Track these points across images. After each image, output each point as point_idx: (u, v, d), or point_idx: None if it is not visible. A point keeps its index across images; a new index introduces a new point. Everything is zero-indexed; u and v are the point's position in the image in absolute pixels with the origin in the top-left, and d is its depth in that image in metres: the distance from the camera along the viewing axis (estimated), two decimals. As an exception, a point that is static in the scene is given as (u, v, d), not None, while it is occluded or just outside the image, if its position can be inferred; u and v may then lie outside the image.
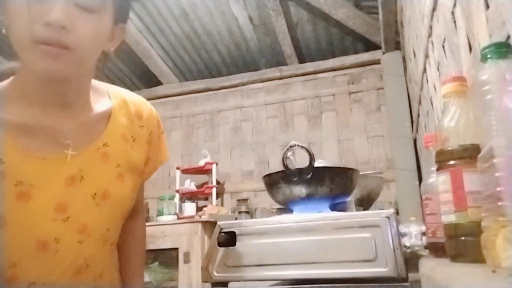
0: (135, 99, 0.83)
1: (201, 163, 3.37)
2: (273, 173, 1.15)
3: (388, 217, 0.89)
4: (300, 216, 1.06)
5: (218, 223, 1.05)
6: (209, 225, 2.82)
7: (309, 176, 1.06)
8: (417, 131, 2.76)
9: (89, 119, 0.71)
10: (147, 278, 2.83)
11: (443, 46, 1.27)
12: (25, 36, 0.59)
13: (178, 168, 3.44)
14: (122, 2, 0.68)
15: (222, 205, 3.46)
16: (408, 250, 1.28)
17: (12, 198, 0.62)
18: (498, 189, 0.45)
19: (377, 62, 3.28)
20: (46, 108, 0.66)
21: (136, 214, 0.88)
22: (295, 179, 1.07)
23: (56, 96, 0.67)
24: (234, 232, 1.01)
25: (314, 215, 1.02)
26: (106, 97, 0.76)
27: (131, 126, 0.78)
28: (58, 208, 0.66)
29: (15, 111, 0.65)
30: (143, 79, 3.92)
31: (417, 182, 2.81)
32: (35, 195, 0.64)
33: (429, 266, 0.73)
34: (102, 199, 0.71)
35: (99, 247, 0.74)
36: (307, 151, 1.07)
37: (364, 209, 1.44)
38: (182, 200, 3.32)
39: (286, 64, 3.56)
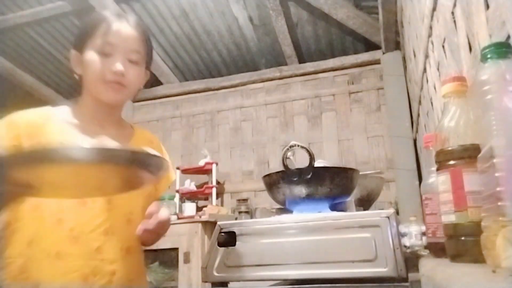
0: (146, 131, 1.16)
1: (201, 163, 3.37)
2: (273, 173, 1.15)
3: (388, 217, 0.89)
4: (300, 216, 1.06)
5: (218, 223, 1.05)
6: (209, 225, 2.82)
7: (309, 176, 1.06)
8: (417, 131, 2.76)
9: (120, 132, 1.04)
10: (147, 278, 2.83)
11: (443, 46, 1.27)
12: (98, 79, 0.94)
13: (178, 168, 3.44)
14: (149, 58, 1.04)
15: (222, 205, 3.46)
16: (408, 250, 1.29)
17: None
18: (498, 189, 0.45)
19: (377, 62, 3.28)
20: (102, 122, 1.01)
21: None
22: (295, 179, 1.07)
23: (108, 115, 1.02)
24: (234, 232, 1.01)
25: (314, 215, 1.02)
26: (129, 125, 1.12)
27: (147, 142, 1.09)
28: None
29: (83, 122, 0.98)
30: (143, 79, 3.92)
31: (417, 182, 2.81)
32: None
33: (429, 266, 0.73)
34: None
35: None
36: (307, 151, 1.07)
37: (364, 209, 1.44)
38: (182, 200, 3.32)
39: (286, 64, 3.56)
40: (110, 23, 0.94)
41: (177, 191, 3.34)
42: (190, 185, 3.37)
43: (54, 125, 0.94)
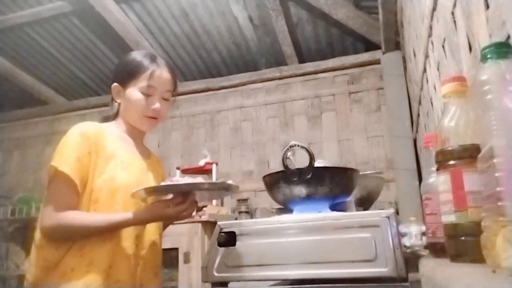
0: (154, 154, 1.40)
1: (201, 163, 3.37)
2: (273, 173, 1.15)
3: (388, 217, 0.89)
4: (300, 216, 1.06)
5: (218, 223, 1.05)
6: (209, 225, 2.82)
7: (309, 176, 1.06)
8: (417, 131, 2.76)
9: (145, 149, 1.32)
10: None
11: (443, 46, 1.27)
12: (140, 113, 1.19)
13: (178, 168, 3.44)
14: (175, 93, 1.28)
15: (222, 205, 3.45)
16: (408, 250, 1.29)
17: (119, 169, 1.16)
18: (498, 189, 0.45)
19: (377, 62, 3.28)
20: (134, 139, 1.26)
21: None
22: (295, 179, 1.07)
23: (138, 136, 1.28)
24: (234, 232, 1.01)
25: (314, 215, 1.02)
26: (145, 146, 1.35)
27: (157, 162, 1.37)
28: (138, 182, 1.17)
29: (123, 140, 1.24)
30: (143, 79, 3.92)
31: (417, 182, 2.81)
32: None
33: (429, 266, 0.73)
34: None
35: None
36: (307, 151, 1.06)
37: (364, 209, 1.44)
38: (182, 200, 3.32)
39: (286, 64, 3.56)
40: (153, 71, 1.19)
41: (177, 191, 3.33)
42: (190, 185, 3.36)
43: (108, 137, 1.16)
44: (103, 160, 1.11)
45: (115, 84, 1.22)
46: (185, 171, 3.44)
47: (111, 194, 1.10)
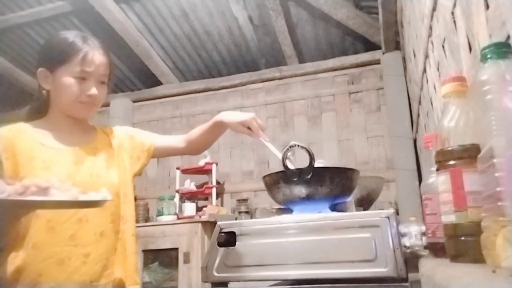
0: (107, 128, 1.28)
1: (201, 163, 3.37)
2: (273, 173, 1.15)
3: (388, 217, 0.89)
4: (300, 216, 1.06)
5: (218, 223, 1.05)
6: (209, 225, 2.82)
7: (309, 176, 1.06)
8: (417, 131, 2.76)
9: (85, 136, 1.18)
10: (147, 278, 2.83)
11: (443, 46, 1.27)
12: (74, 100, 1.08)
13: (178, 168, 3.44)
14: (111, 76, 1.17)
15: (222, 205, 3.46)
16: (408, 250, 1.29)
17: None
18: (498, 189, 0.45)
19: (377, 62, 3.28)
20: (71, 130, 1.15)
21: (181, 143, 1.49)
22: (295, 179, 1.07)
23: (75, 125, 1.16)
24: (234, 232, 1.01)
25: (314, 215, 1.02)
26: (93, 128, 1.24)
27: (108, 140, 1.23)
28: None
29: (53, 132, 1.12)
30: (143, 79, 3.92)
31: (417, 182, 2.81)
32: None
33: (429, 266, 0.73)
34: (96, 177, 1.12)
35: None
36: (307, 151, 1.06)
37: (364, 209, 1.44)
38: (182, 200, 3.32)
39: (286, 64, 3.56)
40: (86, 53, 1.08)
41: (177, 191, 3.34)
42: (190, 185, 3.37)
43: (26, 139, 1.06)
44: (21, 164, 1.02)
45: (41, 69, 1.10)
46: (185, 171, 3.44)
47: None
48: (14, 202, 0.79)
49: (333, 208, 1.13)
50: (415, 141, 2.93)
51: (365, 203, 1.54)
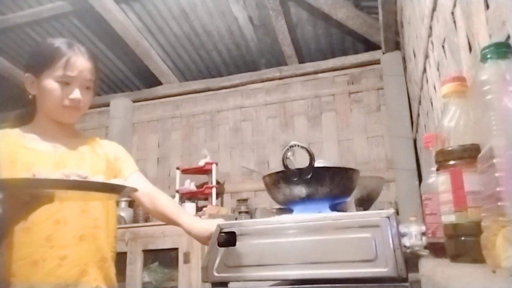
0: (102, 141, 1.30)
1: (201, 163, 3.37)
2: (273, 173, 1.15)
3: (388, 217, 0.89)
4: (300, 216, 1.06)
5: (218, 223, 1.05)
6: (209, 225, 2.81)
7: (309, 176, 1.06)
8: (417, 131, 2.76)
9: (72, 141, 1.19)
10: (147, 278, 2.83)
11: (443, 46, 1.27)
12: (57, 104, 1.10)
13: (178, 168, 3.44)
14: (97, 81, 1.19)
15: (222, 205, 3.46)
16: (408, 250, 1.29)
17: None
18: (498, 189, 0.45)
19: (377, 62, 3.28)
20: (55, 136, 1.16)
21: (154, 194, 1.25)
22: (295, 179, 1.07)
23: (61, 130, 1.17)
24: (234, 232, 1.01)
25: (314, 215, 1.02)
26: (82, 135, 1.27)
27: (94, 147, 1.24)
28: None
29: (39, 135, 1.14)
30: (143, 79, 3.92)
31: (417, 182, 2.81)
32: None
33: (429, 266, 0.73)
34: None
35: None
36: (307, 151, 1.06)
37: (364, 209, 1.44)
38: (182, 200, 3.32)
39: (286, 64, 3.56)
40: (69, 58, 1.10)
41: (177, 191, 3.34)
42: (190, 185, 3.37)
43: (9, 144, 1.07)
44: (3, 167, 1.03)
45: (27, 74, 1.12)
46: (185, 171, 3.44)
47: None
48: (60, 182, 0.79)
49: (333, 208, 1.13)
50: (415, 141, 2.93)
51: (365, 203, 1.54)
